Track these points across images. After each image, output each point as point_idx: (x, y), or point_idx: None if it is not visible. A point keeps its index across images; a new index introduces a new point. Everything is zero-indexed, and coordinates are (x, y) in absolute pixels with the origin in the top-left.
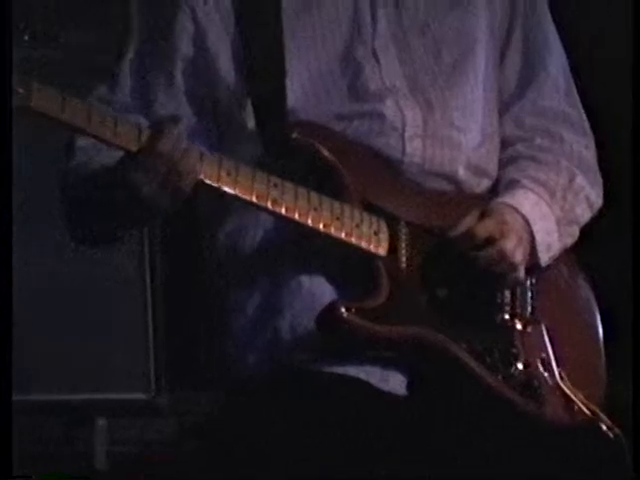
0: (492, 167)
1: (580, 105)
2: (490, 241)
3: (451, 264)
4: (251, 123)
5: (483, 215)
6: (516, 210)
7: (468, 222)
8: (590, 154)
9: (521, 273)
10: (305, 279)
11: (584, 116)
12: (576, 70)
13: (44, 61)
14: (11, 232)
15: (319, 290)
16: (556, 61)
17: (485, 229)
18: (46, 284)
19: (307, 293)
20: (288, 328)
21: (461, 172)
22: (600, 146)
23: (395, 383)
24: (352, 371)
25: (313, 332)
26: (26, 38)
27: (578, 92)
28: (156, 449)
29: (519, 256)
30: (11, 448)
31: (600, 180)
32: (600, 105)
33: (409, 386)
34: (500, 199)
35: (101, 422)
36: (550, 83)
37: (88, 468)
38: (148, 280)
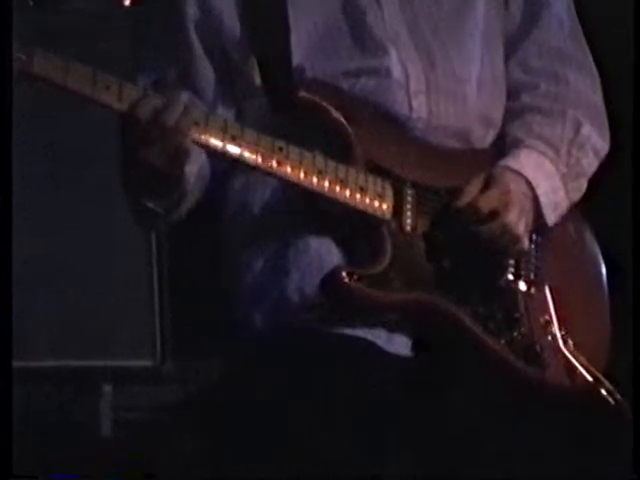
0: (498, 116)
1: (586, 45)
2: (493, 214)
3: (455, 233)
4: (259, 80)
5: (487, 183)
6: (519, 174)
7: (472, 191)
8: (596, 95)
9: (525, 243)
10: (312, 240)
11: (590, 56)
12: None
13: (48, 27)
14: (11, 207)
15: (326, 251)
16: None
17: (488, 201)
18: (52, 251)
19: (314, 253)
20: (295, 288)
21: (468, 124)
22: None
23: (400, 345)
24: (359, 332)
25: (319, 293)
26: (31, 4)
27: None
28: (161, 416)
29: (522, 227)
30: (11, 448)
31: (606, 121)
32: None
33: (414, 348)
34: (503, 162)
35: (106, 388)
36: (554, 21)
37: (93, 434)
38: (154, 245)
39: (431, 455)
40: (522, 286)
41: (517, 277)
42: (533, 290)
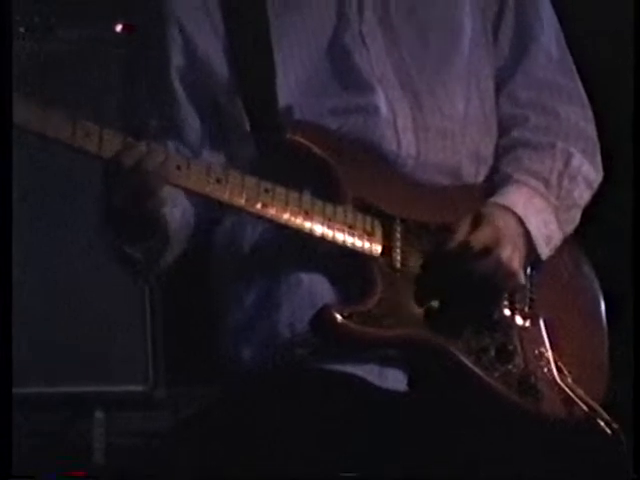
0: (488, 152)
1: (576, 75)
2: (486, 251)
3: (447, 273)
4: (246, 124)
5: (476, 221)
6: (509, 210)
7: (462, 230)
8: (587, 124)
9: (521, 278)
10: (304, 276)
11: (580, 86)
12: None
13: (40, 54)
14: (11, 229)
15: (318, 287)
16: (547, 30)
17: (480, 239)
18: (45, 276)
19: (306, 290)
20: (286, 323)
21: (457, 161)
22: (601, 126)
23: (393, 380)
24: (350, 368)
25: (310, 330)
26: (22, 30)
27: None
28: (154, 442)
29: (516, 263)
30: (11, 447)
31: (598, 151)
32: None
33: (408, 383)
34: (493, 199)
35: (99, 415)
36: (542, 54)
37: (86, 461)
38: None
39: None
40: (517, 319)
41: (512, 311)
42: (528, 323)
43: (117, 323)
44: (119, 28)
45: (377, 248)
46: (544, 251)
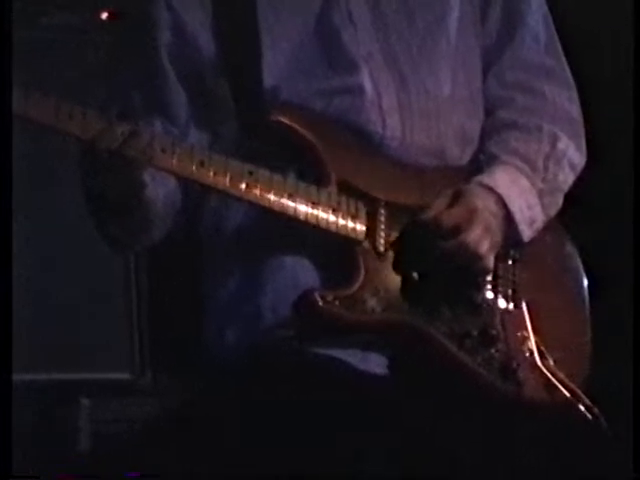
0: (474, 133)
1: (563, 57)
2: (455, 230)
3: (420, 248)
4: (232, 104)
5: (455, 198)
6: (491, 190)
7: (438, 206)
8: (573, 106)
9: (488, 262)
10: (287, 258)
11: (567, 67)
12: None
13: (25, 43)
14: (11, 224)
15: (301, 269)
16: (535, 13)
17: (451, 218)
18: (28, 264)
19: (289, 272)
20: (269, 305)
21: (443, 142)
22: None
23: (375, 363)
24: (332, 351)
25: (293, 313)
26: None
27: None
28: (139, 429)
29: (484, 246)
30: (11, 448)
31: (583, 134)
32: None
33: (389, 366)
34: (478, 178)
35: (84, 402)
36: (529, 35)
37: (71, 448)
38: (132, 258)
39: (409, 473)
40: (500, 303)
41: (495, 294)
42: (511, 306)
43: (102, 310)
44: (104, 16)
45: (361, 230)
46: (526, 233)
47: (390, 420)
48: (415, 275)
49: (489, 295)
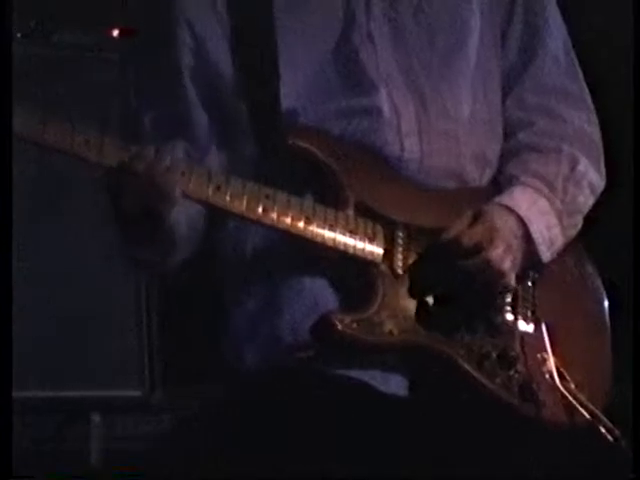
0: (493, 155)
1: (582, 80)
2: (477, 249)
3: (439, 269)
4: (250, 128)
5: (475, 218)
6: (511, 210)
7: (458, 226)
8: (593, 130)
9: (511, 279)
10: (306, 280)
11: (586, 90)
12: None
13: (37, 60)
14: (11, 230)
15: (320, 292)
16: (556, 36)
17: (472, 236)
18: (41, 281)
19: (308, 294)
20: (288, 327)
21: (461, 164)
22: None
23: (396, 385)
24: (353, 373)
25: (311, 336)
26: (19, 36)
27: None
28: (150, 445)
29: (507, 264)
30: (11, 448)
31: (602, 156)
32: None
33: (410, 388)
34: (498, 199)
35: (96, 418)
36: (550, 59)
37: (83, 464)
38: (143, 277)
39: None
40: (519, 324)
41: (515, 316)
42: (530, 328)
43: (114, 327)
44: (116, 33)
45: (379, 253)
46: (545, 254)
47: (410, 442)
48: (430, 300)
49: (508, 316)
